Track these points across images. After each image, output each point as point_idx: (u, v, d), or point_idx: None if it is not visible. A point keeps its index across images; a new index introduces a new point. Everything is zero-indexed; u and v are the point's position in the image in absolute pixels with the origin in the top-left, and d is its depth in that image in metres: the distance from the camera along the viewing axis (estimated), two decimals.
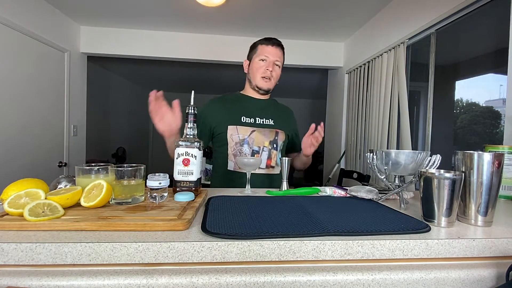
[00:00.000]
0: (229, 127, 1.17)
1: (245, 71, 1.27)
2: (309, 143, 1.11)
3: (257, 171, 1.16)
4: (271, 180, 1.20)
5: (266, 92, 1.24)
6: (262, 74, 1.19)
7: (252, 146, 1.17)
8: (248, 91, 1.27)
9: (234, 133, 1.17)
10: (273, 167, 1.20)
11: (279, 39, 1.23)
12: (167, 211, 0.62)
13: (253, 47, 1.24)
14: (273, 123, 1.23)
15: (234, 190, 0.97)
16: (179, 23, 2.83)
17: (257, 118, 1.20)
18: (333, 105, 3.60)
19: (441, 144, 2.10)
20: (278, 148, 1.21)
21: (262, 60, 1.18)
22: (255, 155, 1.17)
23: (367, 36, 2.74)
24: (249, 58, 1.25)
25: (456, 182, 0.59)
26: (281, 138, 1.23)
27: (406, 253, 0.53)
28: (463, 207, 0.65)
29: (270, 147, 1.19)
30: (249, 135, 1.17)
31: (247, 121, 1.19)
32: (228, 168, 1.18)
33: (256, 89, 1.23)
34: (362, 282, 0.49)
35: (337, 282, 0.49)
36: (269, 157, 1.18)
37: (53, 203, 0.58)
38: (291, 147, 1.33)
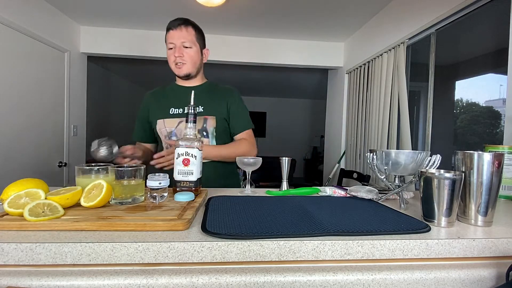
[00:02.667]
0: (158, 121, 1.16)
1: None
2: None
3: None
4: (210, 169, 1.11)
5: (187, 77, 1.17)
6: (173, 62, 1.14)
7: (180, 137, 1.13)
8: (178, 81, 1.23)
9: (162, 127, 1.16)
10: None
11: (186, 18, 1.16)
12: (167, 211, 0.62)
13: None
14: (202, 110, 1.16)
15: (234, 190, 0.97)
16: None
17: (185, 108, 1.15)
18: (333, 105, 3.60)
19: (441, 144, 2.10)
20: (210, 135, 1.15)
21: (170, 49, 1.14)
22: None
23: (367, 36, 2.74)
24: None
25: (456, 182, 0.59)
26: (211, 124, 1.15)
27: (406, 253, 0.53)
28: (463, 207, 0.65)
29: (199, 135, 1.13)
30: (176, 127, 1.13)
31: (174, 112, 1.15)
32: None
33: (179, 77, 1.19)
34: (362, 282, 0.49)
35: (337, 282, 0.49)
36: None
37: (53, 203, 0.58)
38: (228, 130, 1.24)
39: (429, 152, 0.75)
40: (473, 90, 1.98)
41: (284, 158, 0.98)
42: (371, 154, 0.82)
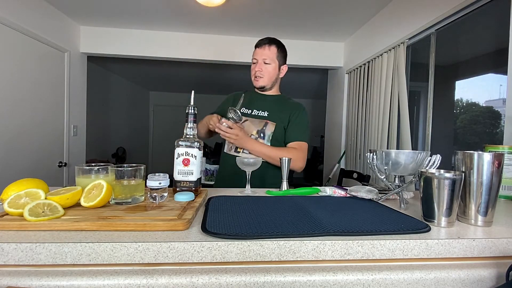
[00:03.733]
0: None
1: None
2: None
3: (241, 154, 1.26)
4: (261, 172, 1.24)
5: (262, 88, 1.35)
6: (253, 75, 1.33)
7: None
8: (256, 89, 1.40)
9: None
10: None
11: (273, 37, 1.33)
12: (167, 211, 0.62)
13: None
14: (266, 115, 1.31)
15: (234, 190, 0.97)
16: (179, 23, 2.83)
17: (254, 110, 1.33)
18: (333, 105, 3.60)
19: (441, 144, 2.10)
20: (266, 138, 1.28)
21: (253, 63, 1.32)
22: None
23: (367, 36, 2.74)
24: None
25: (456, 182, 0.59)
26: (270, 128, 1.29)
27: (406, 253, 0.53)
28: (463, 207, 0.65)
29: (257, 136, 1.28)
30: (242, 123, 1.26)
31: (244, 111, 1.32)
32: (224, 151, 1.35)
33: (258, 91, 1.37)
34: (362, 282, 0.49)
35: (337, 282, 0.49)
36: None
37: (53, 203, 0.58)
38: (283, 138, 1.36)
39: (429, 152, 0.75)
40: (473, 90, 1.98)
41: (284, 158, 0.98)
42: (371, 154, 0.82)
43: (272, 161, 1.22)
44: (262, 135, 1.28)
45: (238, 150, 1.27)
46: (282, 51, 1.33)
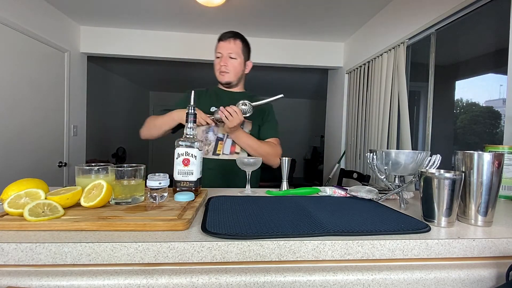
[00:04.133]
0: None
1: None
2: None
3: (221, 156, 1.23)
4: (235, 166, 1.17)
5: (228, 84, 1.29)
6: (218, 70, 1.27)
7: (216, 133, 1.23)
8: (221, 86, 1.35)
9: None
10: (237, 153, 1.24)
11: (237, 31, 1.27)
12: (167, 211, 0.62)
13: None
14: None
15: (234, 190, 0.97)
16: (179, 23, 2.83)
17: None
18: (333, 105, 3.60)
19: (441, 144, 2.10)
20: None
21: (218, 57, 1.26)
22: (219, 142, 1.23)
23: (367, 36, 2.74)
24: None
25: (456, 182, 0.59)
26: (247, 127, 1.27)
27: (406, 253, 0.53)
28: (463, 207, 0.65)
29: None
30: (221, 125, 1.22)
31: (214, 110, 1.25)
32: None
33: (221, 83, 1.31)
34: (362, 282, 0.49)
35: (337, 282, 0.49)
36: (234, 144, 1.24)
37: (53, 203, 0.58)
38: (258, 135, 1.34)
39: (429, 152, 0.75)
40: (473, 90, 1.98)
41: (284, 158, 0.98)
42: (371, 154, 0.82)
43: (256, 154, 1.20)
44: None
45: (218, 152, 1.22)
46: (246, 46, 1.29)
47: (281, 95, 1.14)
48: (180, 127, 1.24)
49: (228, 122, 1.09)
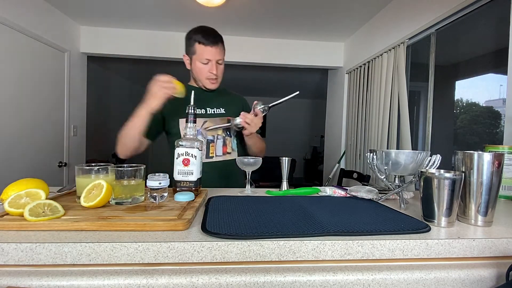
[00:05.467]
0: (180, 120, 1.18)
1: (188, 67, 1.26)
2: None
3: (215, 158, 1.19)
4: (229, 166, 1.20)
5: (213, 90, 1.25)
6: (208, 77, 1.18)
7: (206, 136, 1.19)
8: (193, 83, 1.27)
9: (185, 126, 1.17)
10: (229, 153, 1.23)
11: (215, 30, 1.19)
12: (167, 211, 0.62)
13: (191, 45, 1.19)
14: (224, 111, 1.23)
15: (234, 190, 0.97)
16: (179, 23, 2.83)
17: (207, 109, 1.22)
18: (333, 105, 3.60)
19: (441, 144, 2.10)
20: (232, 135, 1.24)
21: (205, 64, 1.17)
22: (211, 144, 1.19)
23: (367, 36, 2.74)
24: (188, 54, 1.23)
25: (456, 182, 0.59)
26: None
27: (406, 253, 0.53)
28: (463, 207, 0.65)
29: (224, 135, 1.21)
30: (201, 126, 1.17)
31: (198, 112, 1.19)
32: None
33: (204, 88, 1.23)
34: (362, 282, 0.49)
35: (337, 282, 0.49)
36: (224, 144, 1.22)
37: (53, 203, 0.58)
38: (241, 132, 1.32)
39: (429, 152, 0.75)
40: (473, 90, 1.98)
41: (284, 158, 0.98)
42: (371, 154, 0.82)
43: (257, 151, 1.21)
44: (228, 133, 1.23)
45: (211, 154, 1.18)
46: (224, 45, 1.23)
47: (297, 92, 1.12)
48: (156, 132, 1.19)
49: (250, 128, 1.08)
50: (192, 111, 0.84)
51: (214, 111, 1.22)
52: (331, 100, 3.66)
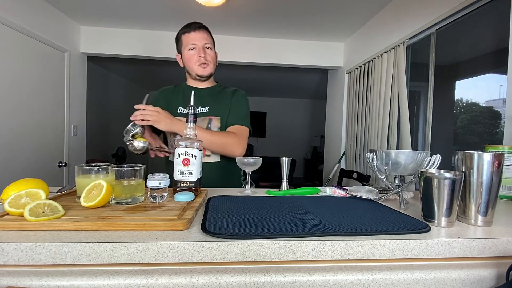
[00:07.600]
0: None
1: (181, 65, 1.25)
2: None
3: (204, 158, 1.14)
4: (209, 169, 1.13)
5: (208, 77, 1.22)
6: (198, 62, 1.16)
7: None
8: (191, 82, 1.26)
9: None
10: (208, 155, 1.16)
11: (200, 22, 1.18)
12: (167, 211, 0.62)
13: (178, 39, 1.20)
14: (207, 111, 1.19)
15: (234, 190, 0.97)
16: (179, 23, 2.81)
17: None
18: (333, 105, 3.60)
19: (441, 144, 2.10)
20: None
21: (192, 49, 1.15)
22: None
23: (367, 36, 2.74)
24: (179, 51, 1.22)
25: (456, 182, 0.59)
26: (215, 124, 1.18)
27: (406, 253, 0.53)
28: (463, 207, 0.65)
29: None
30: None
31: (182, 111, 1.18)
32: (169, 159, 1.20)
33: (198, 77, 1.21)
34: (362, 282, 0.49)
35: (337, 282, 0.49)
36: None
37: (54, 203, 0.58)
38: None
39: (429, 152, 0.75)
40: (473, 90, 1.98)
41: (284, 158, 0.98)
42: (371, 154, 0.82)
43: (213, 146, 1.09)
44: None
45: None
46: (212, 36, 1.22)
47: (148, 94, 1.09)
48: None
49: (150, 121, 1.00)
50: (192, 111, 0.84)
51: (197, 111, 1.18)
52: (331, 100, 3.66)
